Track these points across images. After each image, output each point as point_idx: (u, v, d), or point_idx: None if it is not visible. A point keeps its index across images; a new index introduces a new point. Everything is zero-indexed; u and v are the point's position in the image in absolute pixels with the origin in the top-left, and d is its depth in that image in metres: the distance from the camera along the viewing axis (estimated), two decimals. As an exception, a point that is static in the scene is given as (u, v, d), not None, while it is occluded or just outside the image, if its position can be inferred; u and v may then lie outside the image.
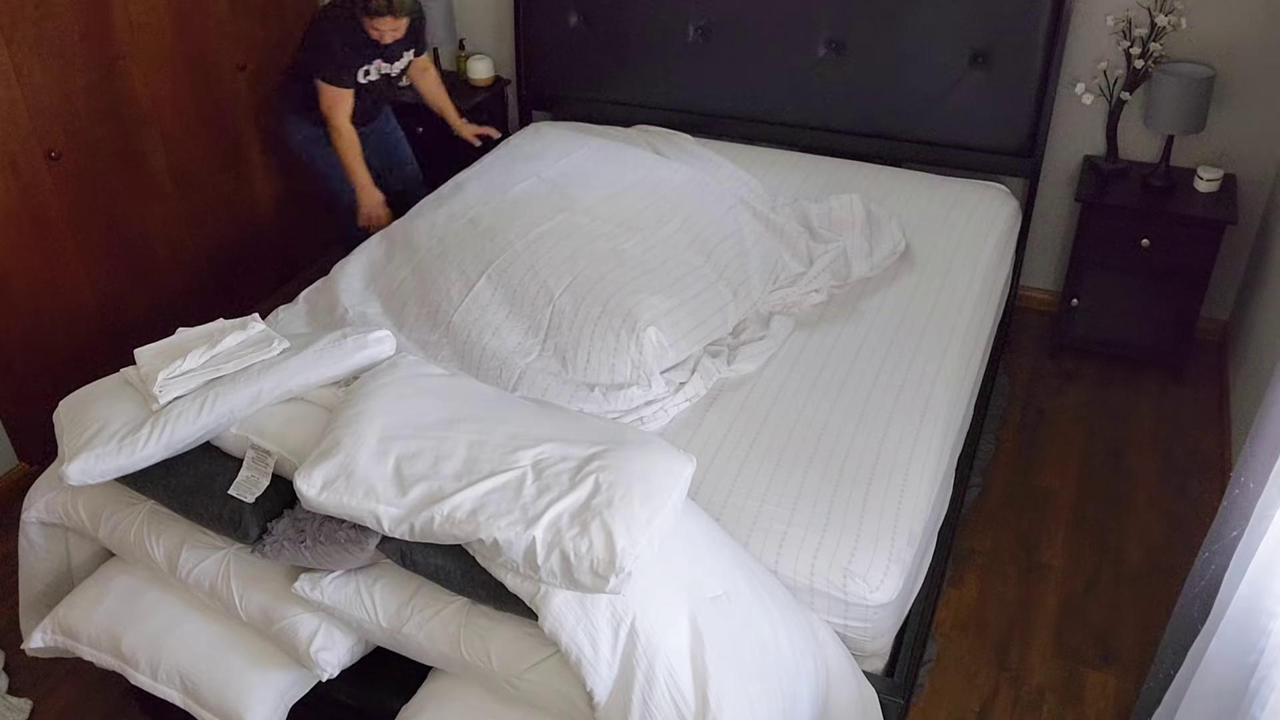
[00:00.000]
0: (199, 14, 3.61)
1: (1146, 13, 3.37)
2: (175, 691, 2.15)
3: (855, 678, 2.19)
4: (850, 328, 2.83)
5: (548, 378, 2.55)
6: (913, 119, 3.67)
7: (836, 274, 3.01)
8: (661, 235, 2.92)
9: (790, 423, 2.48)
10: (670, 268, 2.80)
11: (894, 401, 2.55)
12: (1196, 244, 3.37)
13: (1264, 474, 1.79)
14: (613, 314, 2.61)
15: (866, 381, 2.62)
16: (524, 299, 2.72)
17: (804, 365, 2.69)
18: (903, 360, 2.69)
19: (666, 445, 2.05)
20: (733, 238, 3.00)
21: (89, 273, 3.42)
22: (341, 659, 2.10)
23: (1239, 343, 3.50)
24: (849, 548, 2.17)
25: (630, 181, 3.19)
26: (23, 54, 3.05)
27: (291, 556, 2.03)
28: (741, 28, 3.76)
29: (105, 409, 2.18)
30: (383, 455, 1.98)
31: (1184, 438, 3.42)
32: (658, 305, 2.65)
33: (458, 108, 3.90)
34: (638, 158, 3.38)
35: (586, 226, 2.92)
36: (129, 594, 2.26)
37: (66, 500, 2.31)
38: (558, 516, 1.85)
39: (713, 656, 1.86)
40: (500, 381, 2.56)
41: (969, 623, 2.82)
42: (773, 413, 2.52)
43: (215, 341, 2.25)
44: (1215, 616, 1.87)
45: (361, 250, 3.15)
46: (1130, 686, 2.64)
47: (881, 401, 2.55)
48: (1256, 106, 3.42)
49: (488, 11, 4.32)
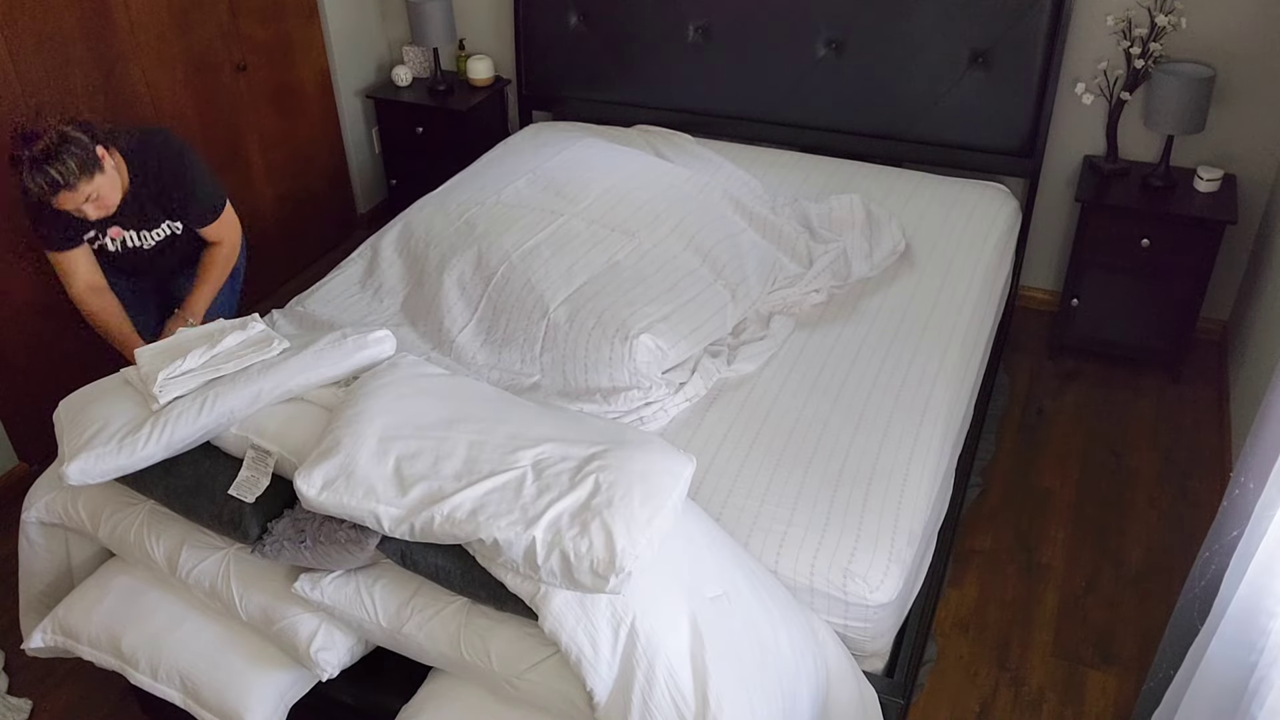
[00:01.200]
0: (199, 14, 3.61)
1: (1146, 13, 3.37)
2: (175, 691, 2.15)
3: (855, 678, 2.19)
4: (850, 327, 2.83)
5: (558, 399, 2.55)
6: (913, 119, 3.67)
7: (837, 274, 3.01)
8: (658, 237, 2.92)
9: (790, 423, 2.48)
10: (667, 272, 2.80)
11: (894, 401, 2.55)
12: (1196, 244, 3.37)
13: (1264, 474, 1.80)
14: (606, 325, 2.60)
15: (866, 381, 2.62)
16: (521, 313, 2.71)
17: (804, 365, 2.69)
18: (903, 360, 2.69)
19: (666, 445, 2.05)
20: (729, 239, 2.99)
21: (89, 273, 3.41)
22: (341, 659, 2.10)
23: (1239, 343, 3.50)
24: (849, 548, 2.17)
25: (625, 178, 3.18)
26: (23, 54, 3.05)
27: (291, 556, 2.03)
28: (741, 28, 3.76)
29: (105, 409, 2.18)
30: (383, 455, 1.98)
31: (1184, 438, 3.42)
32: (653, 313, 2.64)
33: (203, 298, 2.88)
34: (632, 154, 3.37)
35: (583, 233, 2.91)
36: (129, 594, 2.26)
37: (66, 500, 2.31)
38: (558, 516, 1.85)
39: (713, 656, 1.86)
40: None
41: (969, 623, 2.82)
42: (773, 413, 2.52)
43: (215, 341, 2.25)
44: (1215, 616, 1.87)
45: (358, 258, 3.13)
46: (1130, 686, 2.64)
47: (881, 401, 2.55)
48: (1256, 106, 3.42)
49: (488, 11, 4.32)
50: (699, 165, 3.43)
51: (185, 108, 3.64)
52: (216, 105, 3.77)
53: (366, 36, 4.44)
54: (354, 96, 4.44)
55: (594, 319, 2.62)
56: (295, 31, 4.05)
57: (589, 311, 2.65)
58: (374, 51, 4.51)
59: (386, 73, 4.57)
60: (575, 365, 2.59)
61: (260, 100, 3.95)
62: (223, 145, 3.84)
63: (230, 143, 3.87)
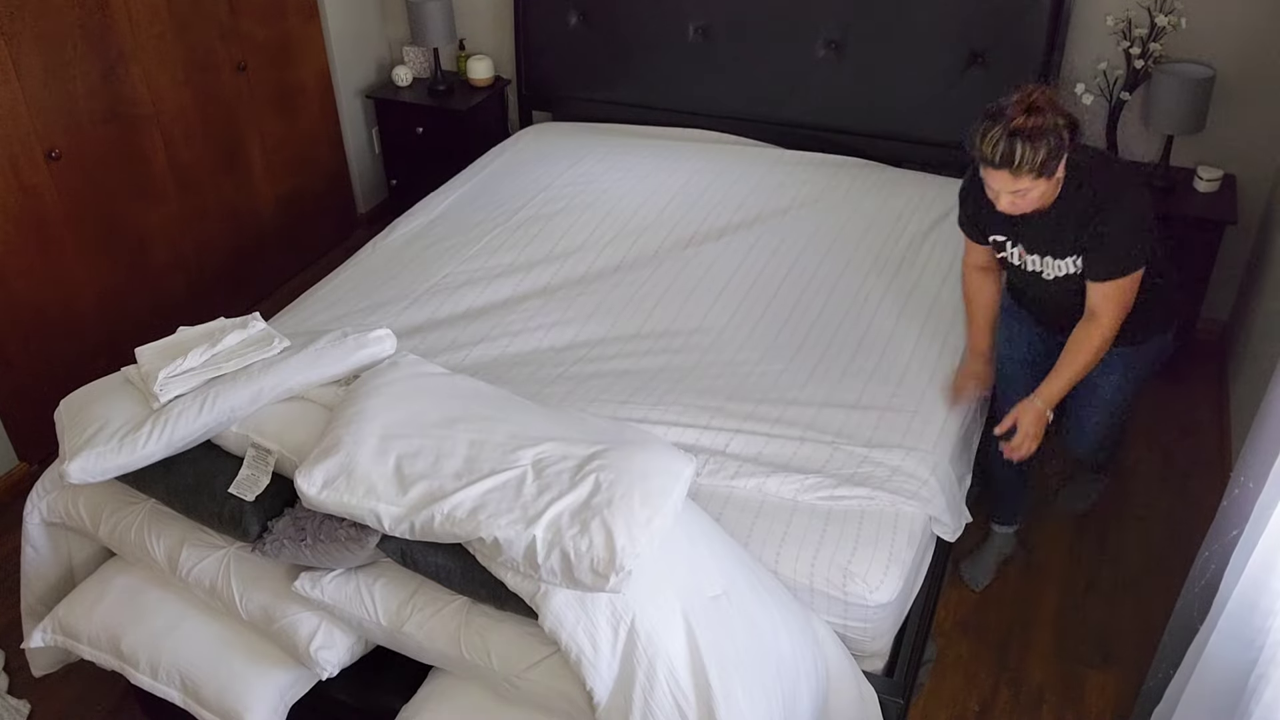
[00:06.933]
0: (199, 14, 3.61)
1: (1146, 13, 3.37)
2: (175, 691, 2.15)
3: (855, 678, 2.19)
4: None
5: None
6: (913, 119, 3.67)
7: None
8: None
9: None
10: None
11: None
12: (1196, 244, 3.36)
13: (1264, 474, 1.80)
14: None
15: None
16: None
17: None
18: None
19: (667, 445, 2.06)
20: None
21: (89, 273, 3.42)
22: (341, 658, 2.10)
23: (1239, 343, 3.50)
24: (849, 548, 2.17)
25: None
26: (23, 53, 3.05)
27: (292, 555, 2.03)
28: (741, 28, 3.76)
29: (106, 408, 2.18)
30: (383, 454, 1.98)
31: (1184, 438, 3.42)
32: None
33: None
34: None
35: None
36: (129, 594, 2.26)
37: (67, 500, 2.31)
38: (558, 515, 1.85)
39: (713, 656, 1.86)
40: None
41: (969, 623, 2.82)
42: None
43: (216, 340, 2.25)
44: (1214, 614, 1.87)
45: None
46: (1130, 686, 2.64)
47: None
48: (1256, 106, 3.42)
49: (488, 11, 4.32)
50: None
51: (185, 108, 3.64)
52: (216, 105, 3.77)
53: (366, 36, 4.45)
54: (354, 96, 4.44)
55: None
56: (295, 31, 4.05)
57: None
58: (374, 51, 4.51)
59: (386, 73, 4.57)
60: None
61: (260, 100, 3.95)
62: (223, 145, 3.84)
63: (230, 143, 3.87)
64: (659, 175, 3.57)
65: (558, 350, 2.76)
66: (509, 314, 2.90)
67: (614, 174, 3.58)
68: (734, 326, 2.83)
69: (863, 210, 3.36)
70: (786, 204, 3.39)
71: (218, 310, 3.79)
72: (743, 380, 2.63)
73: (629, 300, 2.94)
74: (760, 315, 2.87)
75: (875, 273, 3.06)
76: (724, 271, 3.04)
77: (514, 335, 2.81)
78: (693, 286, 2.98)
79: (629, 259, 3.12)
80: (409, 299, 2.97)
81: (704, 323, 2.84)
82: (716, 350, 2.74)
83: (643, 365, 2.69)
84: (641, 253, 3.15)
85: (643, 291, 2.97)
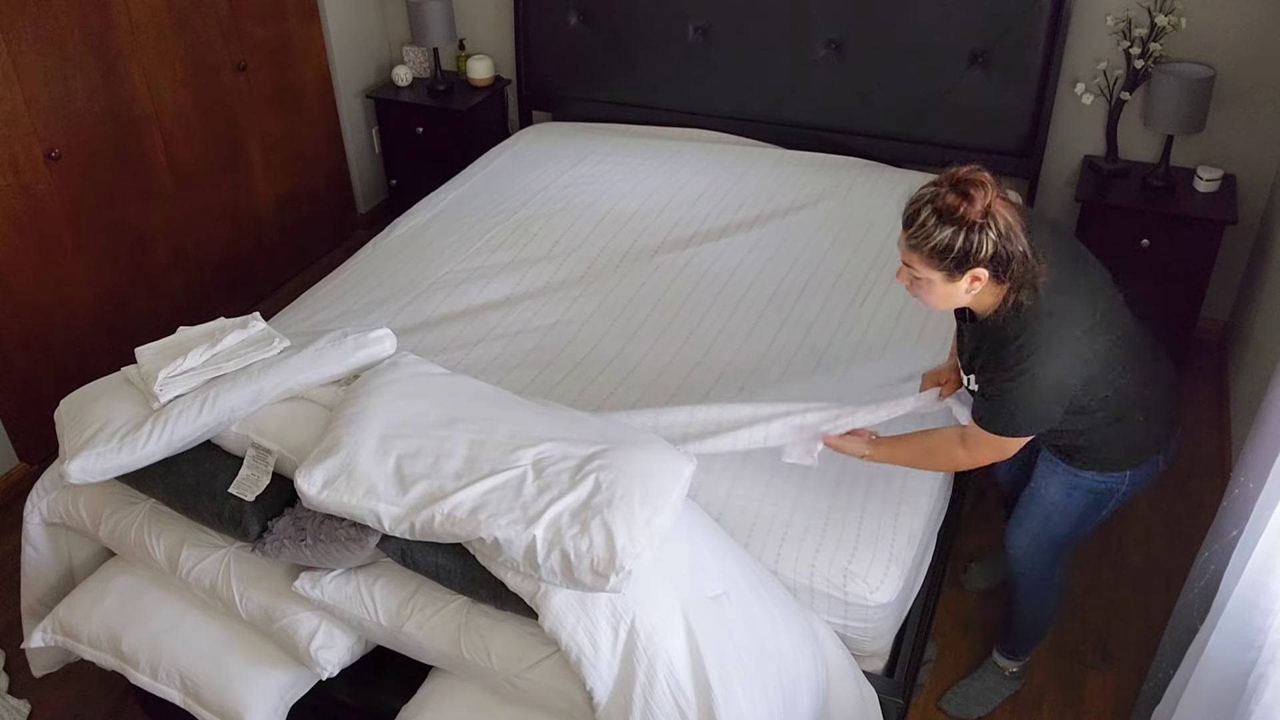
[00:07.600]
0: (199, 14, 3.61)
1: (1146, 13, 3.37)
2: (175, 691, 2.15)
3: (855, 677, 2.19)
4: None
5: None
6: (913, 119, 3.67)
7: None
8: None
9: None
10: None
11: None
12: (1196, 244, 3.37)
13: (1264, 474, 1.80)
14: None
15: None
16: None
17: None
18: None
19: (667, 445, 2.06)
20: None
21: (89, 272, 3.42)
22: (341, 658, 2.10)
23: (1239, 343, 3.50)
24: (849, 548, 2.17)
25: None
26: (23, 53, 3.05)
27: (292, 555, 2.03)
28: (741, 28, 3.76)
29: (106, 408, 2.18)
30: (383, 454, 1.98)
31: (1184, 438, 3.41)
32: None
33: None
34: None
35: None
36: (129, 594, 2.26)
37: (67, 500, 2.31)
38: (558, 515, 1.85)
39: (713, 655, 1.86)
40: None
41: (969, 623, 2.82)
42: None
43: (216, 340, 2.25)
44: (1214, 614, 1.87)
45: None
46: (1130, 686, 2.64)
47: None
48: (1256, 106, 3.42)
49: (488, 11, 4.32)
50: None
51: (185, 108, 3.64)
52: (216, 105, 3.77)
53: (366, 36, 4.45)
54: (354, 96, 4.44)
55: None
56: (295, 31, 4.05)
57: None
58: (374, 51, 4.51)
59: (386, 73, 4.57)
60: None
61: (260, 100, 3.95)
62: (223, 145, 3.84)
63: (230, 143, 3.87)
64: (659, 175, 3.58)
65: (558, 350, 2.76)
66: (509, 313, 2.90)
67: (614, 174, 3.59)
68: (734, 326, 2.83)
69: (863, 210, 3.36)
70: (786, 204, 3.40)
71: (218, 310, 3.81)
72: (743, 380, 2.63)
73: (629, 300, 2.94)
74: (760, 315, 2.88)
75: (875, 273, 3.06)
76: (724, 271, 3.04)
77: (514, 335, 2.81)
78: (693, 286, 2.99)
79: (629, 259, 3.13)
80: (409, 298, 2.98)
81: (704, 323, 2.85)
82: (717, 350, 2.74)
83: (643, 365, 2.69)
84: (641, 253, 3.16)
85: (643, 292, 2.97)
